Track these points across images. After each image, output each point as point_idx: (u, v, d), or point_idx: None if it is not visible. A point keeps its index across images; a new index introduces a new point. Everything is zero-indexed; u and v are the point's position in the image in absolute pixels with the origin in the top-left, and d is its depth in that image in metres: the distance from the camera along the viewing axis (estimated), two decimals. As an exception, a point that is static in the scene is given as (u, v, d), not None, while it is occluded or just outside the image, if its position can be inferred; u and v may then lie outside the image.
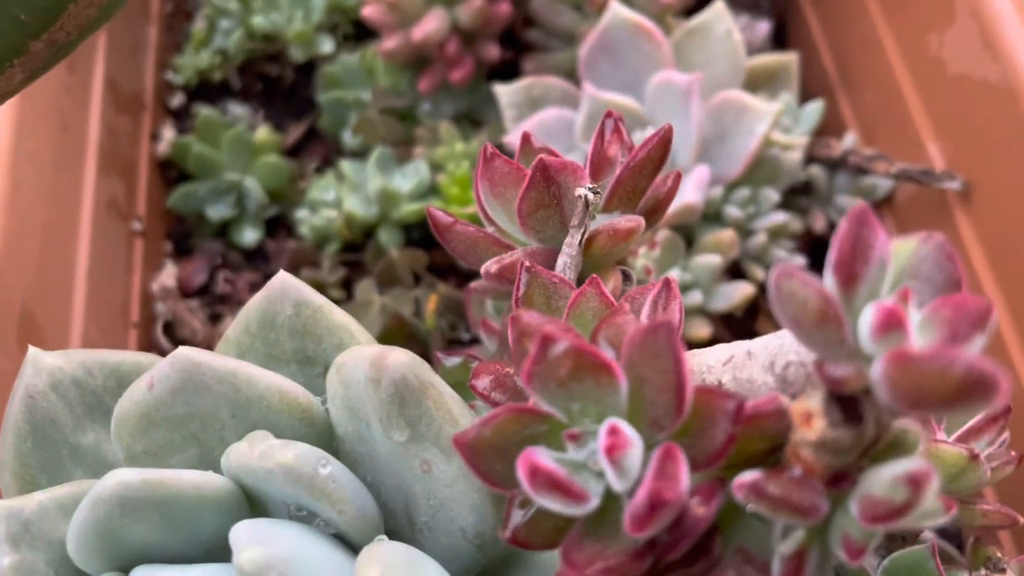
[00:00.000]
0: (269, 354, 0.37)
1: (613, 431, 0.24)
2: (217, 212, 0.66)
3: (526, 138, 0.40)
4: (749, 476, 0.24)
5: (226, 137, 0.65)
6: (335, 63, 0.68)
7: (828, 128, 0.65)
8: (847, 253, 0.23)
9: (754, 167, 0.58)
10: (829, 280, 0.23)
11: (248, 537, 0.30)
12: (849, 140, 0.62)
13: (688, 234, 0.59)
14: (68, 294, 0.53)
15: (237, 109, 0.71)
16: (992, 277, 0.55)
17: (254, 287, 0.64)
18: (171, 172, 0.68)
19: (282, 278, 0.37)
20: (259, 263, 0.67)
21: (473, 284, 0.46)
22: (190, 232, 0.67)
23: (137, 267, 0.62)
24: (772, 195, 0.59)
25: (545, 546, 0.27)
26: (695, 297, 0.57)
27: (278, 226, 0.68)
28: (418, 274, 0.62)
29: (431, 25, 0.61)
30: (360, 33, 0.71)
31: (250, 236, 0.66)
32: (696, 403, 0.24)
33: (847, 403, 0.23)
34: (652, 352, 0.24)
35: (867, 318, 0.22)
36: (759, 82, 0.63)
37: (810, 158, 0.62)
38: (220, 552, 0.33)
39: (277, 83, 0.72)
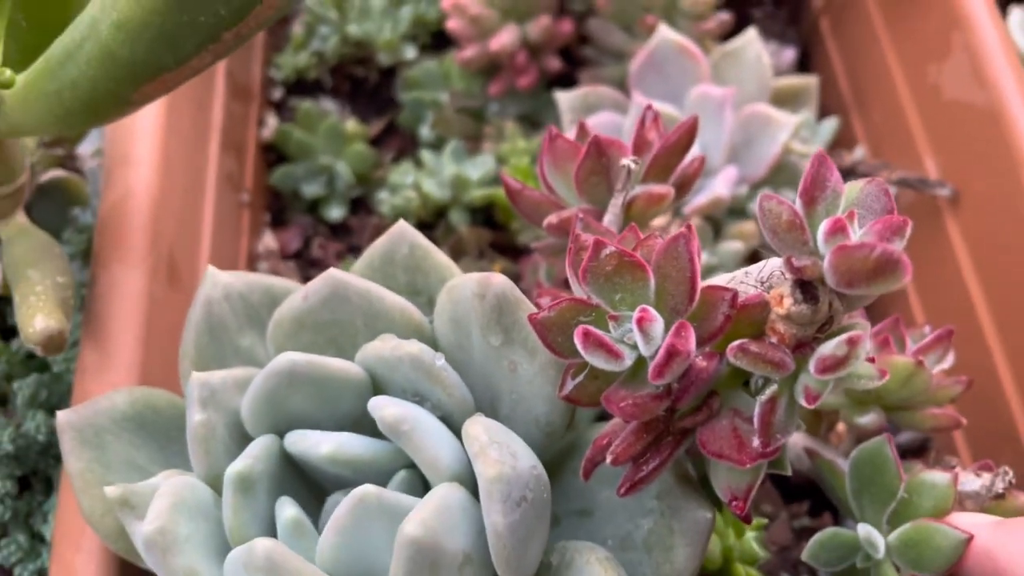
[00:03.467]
0: (387, 285, 0.47)
1: (644, 311, 0.34)
2: (311, 190, 0.77)
3: (582, 126, 0.50)
4: (738, 342, 0.34)
5: (322, 126, 0.76)
6: (416, 68, 0.79)
7: (841, 142, 0.75)
8: (809, 183, 0.33)
9: (776, 170, 0.68)
10: (797, 202, 0.33)
11: (385, 402, 0.40)
12: (859, 152, 0.72)
13: (716, 225, 0.69)
14: (197, 247, 0.63)
15: (327, 104, 0.82)
16: (974, 273, 0.65)
17: (340, 256, 0.75)
18: (271, 155, 0.79)
19: (402, 225, 0.48)
20: (343, 236, 0.77)
21: (536, 243, 0.56)
22: (285, 207, 0.78)
23: (245, 232, 0.72)
24: (790, 195, 0.69)
25: (590, 404, 0.37)
26: (720, 277, 0.67)
27: (360, 206, 0.78)
28: (482, 250, 0.73)
29: (505, 38, 0.72)
30: (437, 43, 0.82)
31: (337, 212, 0.77)
32: (703, 295, 0.34)
33: (807, 287, 0.33)
34: (673, 255, 0.34)
35: (823, 227, 0.32)
36: (783, 100, 0.73)
37: (824, 167, 0.72)
38: (353, 427, 0.43)
39: (363, 83, 0.83)
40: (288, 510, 0.40)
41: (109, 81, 0.47)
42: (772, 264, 0.36)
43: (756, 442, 0.35)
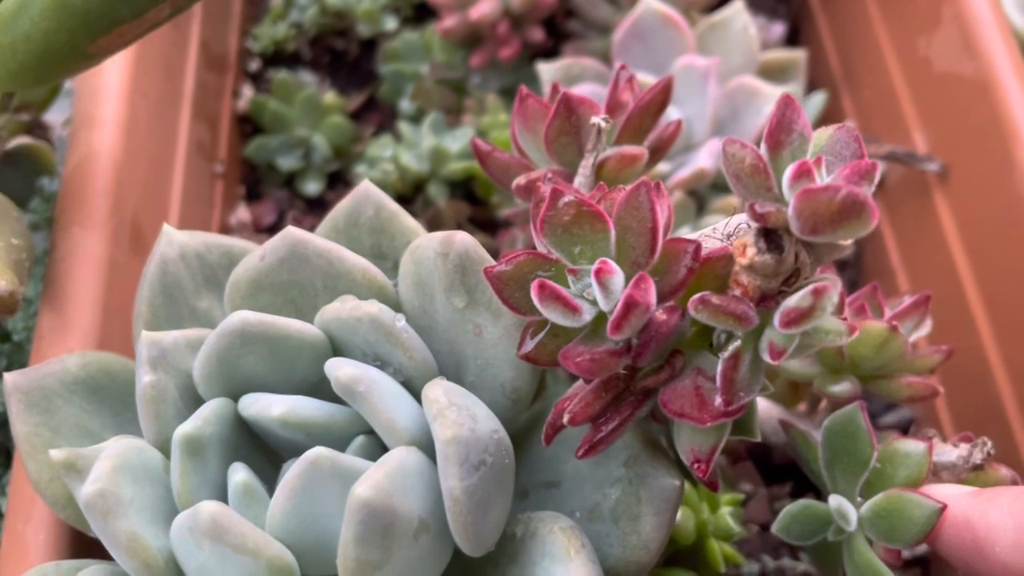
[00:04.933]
0: (352, 248, 0.46)
1: (603, 263, 0.33)
2: (286, 163, 0.75)
3: (555, 88, 0.48)
4: (699, 295, 0.32)
5: (299, 97, 0.74)
6: (396, 39, 0.77)
7: (830, 118, 0.73)
8: (775, 126, 0.31)
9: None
10: (762, 147, 0.32)
11: (341, 363, 0.38)
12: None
13: (700, 200, 0.67)
14: (164, 215, 0.62)
15: (306, 77, 0.80)
16: (962, 247, 0.63)
17: (314, 230, 0.73)
18: (247, 127, 0.77)
19: (366, 186, 0.46)
20: (320, 211, 0.75)
21: (507, 211, 0.54)
22: (260, 180, 0.76)
23: (217, 204, 0.71)
24: (776, 170, 0.67)
25: (549, 363, 0.36)
26: (703, 253, 0.65)
27: (338, 180, 0.77)
28: (460, 224, 0.71)
29: (486, 7, 0.70)
30: (419, 15, 0.80)
31: (313, 187, 0.75)
32: (665, 248, 0.33)
33: (771, 236, 0.31)
34: (634, 205, 0.32)
35: (788, 172, 0.30)
36: (771, 74, 0.72)
37: (812, 142, 0.70)
38: (311, 392, 0.41)
39: (343, 56, 0.81)
40: (239, 474, 0.38)
41: (63, 33, 0.45)
42: (738, 218, 0.34)
43: (719, 401, 0.33)
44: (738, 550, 0.52)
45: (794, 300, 0.31)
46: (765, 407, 0.50)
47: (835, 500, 0.41)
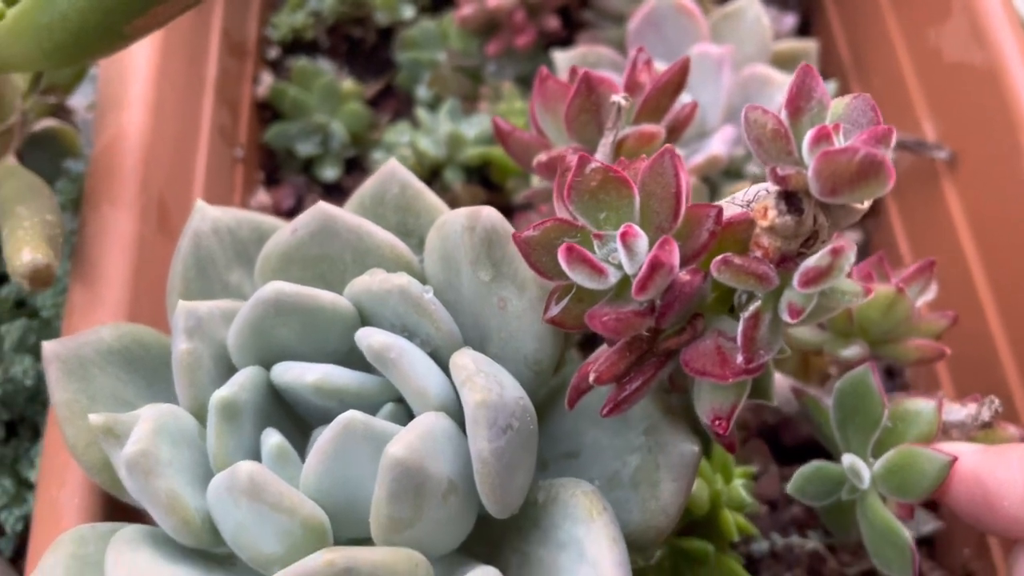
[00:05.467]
0: (377, 225, 0.47)
1: (628, 227, 0.34)
2: (305, 149, 0.76)
3: (574, 71, 0.50)
4: (721, 255, 0.33)
5: (318, 84, 0.76)
6: (414, 28, 0.79)
7: (840, 108, 0.74)
8: (795, 93, 0.33)
9: (773, 132, 0.68)
10: (782, 113, 0.33)
11: (372, 332, 0.40)
12: (857, 118, 0.72)
13: (712, 186, 0.69)
14: (188, 195, 0.63)
15: (324, 65, 0.81)
16: (970, 235, 0.64)
17: (335, 213, 0.74)
18: (266, 113, 0.79)
19: (392, 165, 0.47)
20: (337, 197, 0.77)
21: (525, 193, 0.55)
22: (279, 165, 0.78)
23: (238, 188, 0.72)
24: (787, 158, 0.69)
25: (574, 326, 0.37)
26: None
27: (355, 166, 0.78)
28: (477, 209, 0.72)
29: (503, -4, 0.71)
30: (436, 3, 0.82)
31: (331, 172, 0.76)
32: (688, 213, 0.34)
33: (791, 198, 0.33)
34: (659, 171, 0.34)
35: (807, 136, 0.32)
36: (782, 63, 0.73)
37: (822, 131, 0.71)
38: (340, 362, 0.42)
39: (360, 44, 0.83)
40: (273, 438, 0.39)
41: (99, 13, 0.47)
42: (757, 187, 0.35)
43: (739, 359, 0.34)
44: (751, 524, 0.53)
45: (813, 260, 0.32)
46: (779, 379, 0.51)
47: (848, 459, 0.42)
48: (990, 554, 0.60)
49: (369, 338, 0.39)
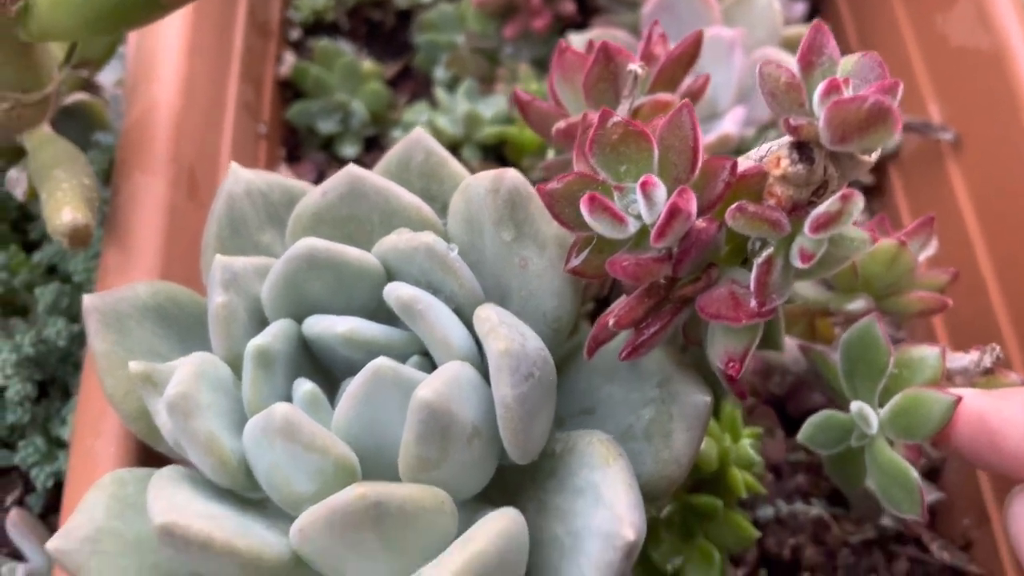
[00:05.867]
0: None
1: (648, 177, 0.36)
2: (326, 127, 0.78)
3: (591, 43, 0.52)
4: (737, 203, 0.35)
5: (339, 64, 0.78)
6: (432, 10, 0.81)
7: (848, 92, 0.76)
8: (807, 49, 0.35)
9: (782, 114, 0.70)
10: (794, 67, 0.35)
11: (400, 285, 0.42)
12: (865, 101, 0.73)
13: (723, 166, 0.70)
14: (216, 167, 0.65)
15: (344, 47, 0.83)
16: (975, 215, 0.66)
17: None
18: (288, 92, 0.81)
19: (418, 132, 0.49)
20: (356, 173, 0.79)
21: (542, 164, 0.57)
22: (300, 143, 0.80)
23: (261, 163, 0.74)
24: (796, 139, 0.70)
25: (594, 275, 0.39)
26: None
27: (374, 145, 0.80)
28: (493, 187, 0.74)
29: (521, -21, 0.73)
30: (454, -12, 0.84)
31: (350, 150, 0.78)
32: (704, 166, 0.36)
33: (803, 149, 0.35)
34: (677, 125, 0.36)
35: (819, 88, 0.34)
36: (792, 48, 0.74)
37: (830, 114, 0.73)
38: (366, 317, 0.44)
39: (380, 27, 0.85)
40: (305, 385, 0.41)
41: (140, -17, 0.49)
42: (770, 143, 0.37)
43: (752, 303, 0.36)
44: (750, 509, 0.55)
45: (823, 206, 0.34)
46: (787, 340, 0.53)
47: (856, 405, 0.43)
48: (990, 523, 0.62)
49: (398, 290, 0.41)
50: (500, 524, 0.37)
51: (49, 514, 0.61)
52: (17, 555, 0.59)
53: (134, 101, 0.60)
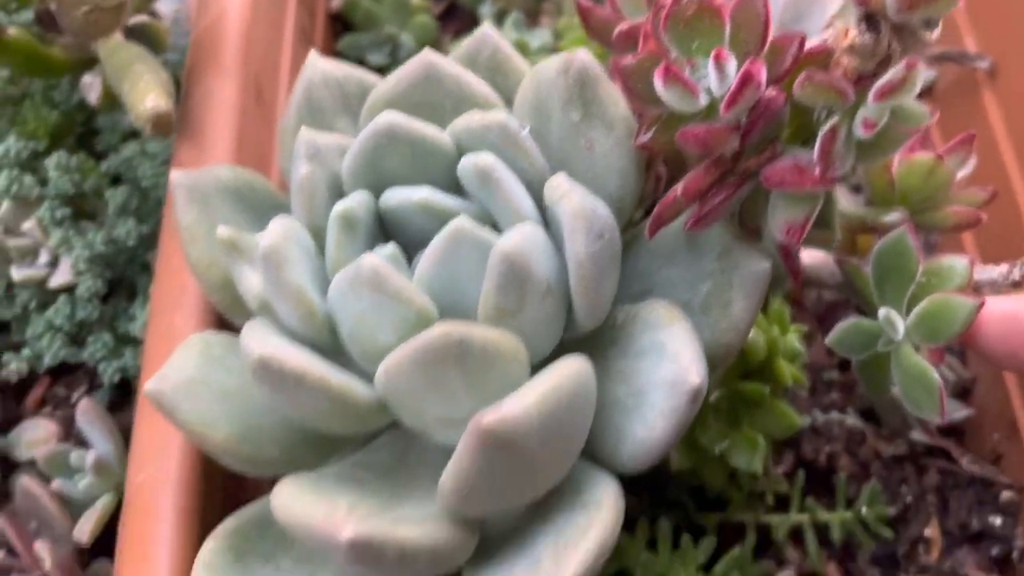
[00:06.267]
0: (474, 76, 0.51)
1: (720, 50, 0.38)
2: (375, 59, 0.81)
3: None
4: (806, 71, 0.37)
5: (389, -3, 0.80)
6: (480, -52, 0.83)
7: (885, 30, 0.78)
8: None
9: (822, 45, 0.72)
10: None
11: (478, 154, 0.44)
12: (901, 38, 0.76)
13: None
14: (277, 82, 0.67)
15: (392, -16, 0.85)
16: (1011, 146, 0.68)
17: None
18: (337, 26, 0.83)
19: (485, 28, 0.51)
20: (403, 105, 0.81)
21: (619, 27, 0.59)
22: (350, 74, 0.82)
23: (314, 88, 0.76)
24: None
25: (663, 148, 0.41)
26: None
27: (421, 77, 0.82)
28: (538, 115, 0.76)
29: (570, -87, 0.75)
30: (500, -71, 0.86)
31: (398, 82, 0.81)
32: (773, 42, 0.38)
33: (870, 20, 0.37)
34: (748, 4, 0.38)
35: None
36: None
37: (868, 50, 0.76)
38: (440, 193, 0.47)
39: (427, -35, 0.87)
40: (387, 248, 0.44)
41: None
42: (828, 31, 0.39)
43: (816, 171, 0.39)
44: (792, 406, 0.57)
45: (888, 75, 0.37)
46: (824, 256, 0.55)
47: (883, 311, 0.45)
48: (1019, 437, 0.64)
49: (476, 158, 0.43)
50: (573, 366, 0.39)
51: (115, 409, 0.64)
52: (85, 444, 0.61)
53: (204, 11, 0.62)
